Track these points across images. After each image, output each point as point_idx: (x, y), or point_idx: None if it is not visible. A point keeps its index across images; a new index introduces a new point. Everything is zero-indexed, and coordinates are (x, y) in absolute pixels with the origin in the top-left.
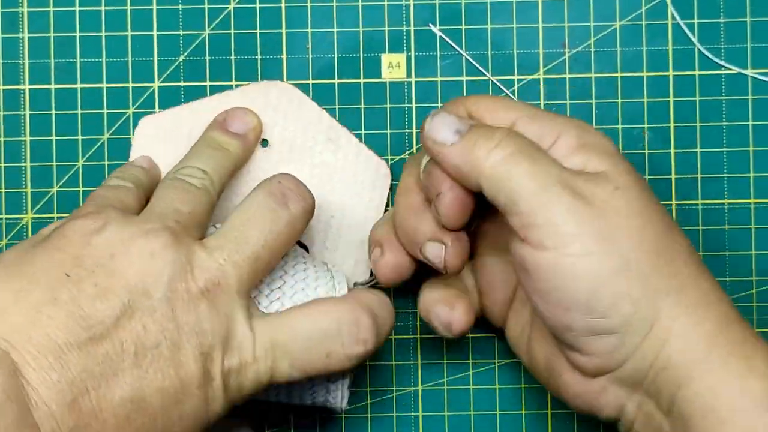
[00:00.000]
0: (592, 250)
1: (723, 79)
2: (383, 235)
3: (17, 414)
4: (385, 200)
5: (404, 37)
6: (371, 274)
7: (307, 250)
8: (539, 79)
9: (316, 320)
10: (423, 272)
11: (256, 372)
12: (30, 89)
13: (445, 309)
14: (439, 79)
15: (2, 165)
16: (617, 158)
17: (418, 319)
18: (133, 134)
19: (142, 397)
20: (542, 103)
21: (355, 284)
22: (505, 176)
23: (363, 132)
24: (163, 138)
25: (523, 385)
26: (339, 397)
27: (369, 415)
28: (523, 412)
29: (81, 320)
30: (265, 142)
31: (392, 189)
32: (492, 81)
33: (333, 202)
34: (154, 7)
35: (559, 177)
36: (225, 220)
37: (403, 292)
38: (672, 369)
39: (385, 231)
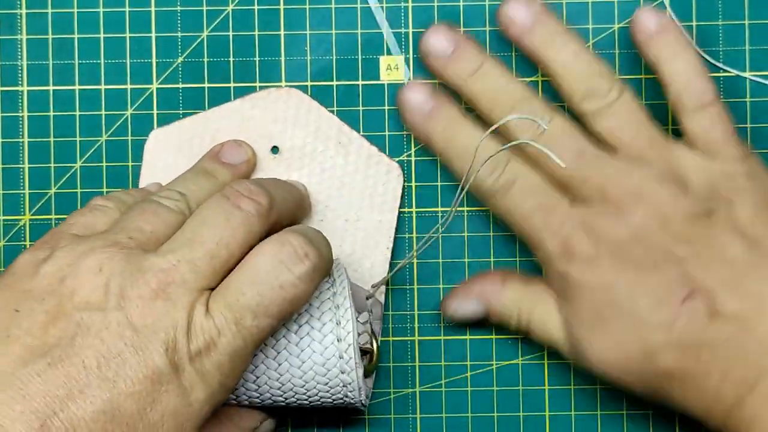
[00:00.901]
0: None
1: (721, 82)
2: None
3: None
4: (398, 202)
5: (403, 39)
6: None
7: None
8: (538, 81)
9: (251, 267)
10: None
11: (227, 343)
12: (28, 91)
13: None
14: (437, 81)
15: (0, 166)
16: None
17: (416, 320)
18: (144, 149)
19: (115, 407)
20: None
21: (373, 286)
22: None
23: (361, 134)
24: (174, 150)
25: (521, 387)
26: (356, 389)
27: (367, 416)
28: (521, 414)
29: (37, 349)
30: (275, 149)
31: (404, 191)
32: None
33: (346, 206)
34: (153, 8)
35: None
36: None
37: (401, 293)
38: None
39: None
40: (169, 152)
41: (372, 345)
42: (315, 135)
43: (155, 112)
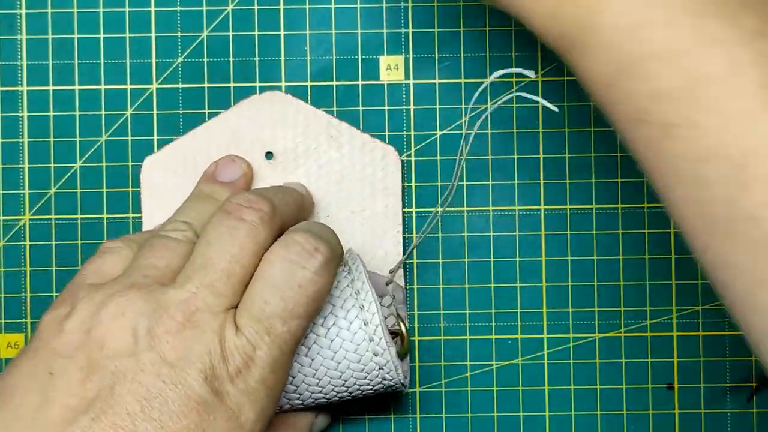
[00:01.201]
0: None
1: None
2: None
3: None
4: (400, 185)
5: (402, 39)
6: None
7: None
8: (537, 81)
9: (265, 275)
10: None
11: (264, 355)
12: (28, 90)
13: None
14: (437, 81)
15: (0, 166)
16: None
17: (416, 320)
18: (140, 177)
19: None
20: (540, 105)
21: (390, 272)
22: None
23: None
24: (171, 173)
25: (521, 387)
26: (393, 369)
27: (366, 416)
28: (521, 414)
29: (78, 407)
30: (269, 155)
31: (404, 173)
32: (490, 83)
33: (348, 198)
34: (152, 8)
35: None
36: None
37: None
38: None
39: None
40: (168, 176)
41: (400, 327)
42: (305, 133)
43: (155, 112)
